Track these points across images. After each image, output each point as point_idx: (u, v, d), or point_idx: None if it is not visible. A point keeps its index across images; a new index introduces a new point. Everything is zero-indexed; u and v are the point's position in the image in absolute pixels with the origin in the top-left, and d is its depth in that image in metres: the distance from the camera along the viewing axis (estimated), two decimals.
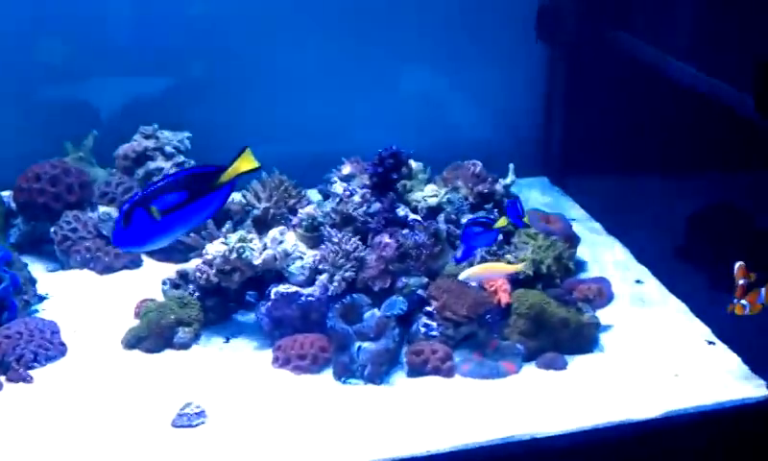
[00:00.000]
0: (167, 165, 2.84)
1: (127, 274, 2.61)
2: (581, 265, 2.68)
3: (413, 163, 2.54)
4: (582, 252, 2.73)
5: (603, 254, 2.80)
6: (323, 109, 3.17)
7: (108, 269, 2.60)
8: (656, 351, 2.30)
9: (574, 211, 3.10)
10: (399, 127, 3.22)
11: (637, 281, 2.64)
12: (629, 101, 3.01)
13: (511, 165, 2.53)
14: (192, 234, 2.45)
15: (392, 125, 3.23)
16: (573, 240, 2.65)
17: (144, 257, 2.67)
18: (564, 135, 3.26)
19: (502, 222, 2.28)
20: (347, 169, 2.64)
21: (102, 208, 2.67)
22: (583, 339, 2.29)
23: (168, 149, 2.86)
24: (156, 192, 1.76)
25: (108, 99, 3.06)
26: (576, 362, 2.25)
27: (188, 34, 3.02)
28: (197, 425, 1.97)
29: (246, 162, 1.77)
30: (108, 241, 2.56)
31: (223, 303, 2.37)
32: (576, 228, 2.81)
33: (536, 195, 3.21)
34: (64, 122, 2.98)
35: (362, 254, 2.27)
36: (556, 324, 2.26)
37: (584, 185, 3.19)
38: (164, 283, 2.41)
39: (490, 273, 2.27)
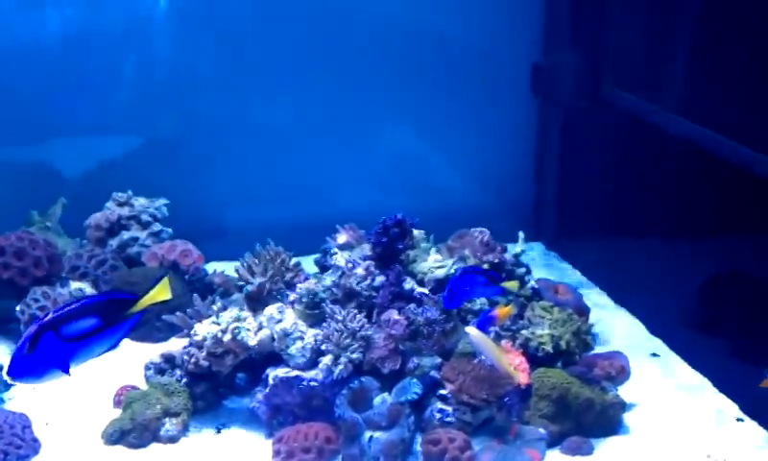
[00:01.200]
0: (143, 235, 2.66)
1: (103, 356, 2.36)
2: (592, 338, 2.50)
3: (415, 232, 2.36)
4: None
5: (611, 324, 2.64)
6: (301, 171, 3.04)
7: None
8: (683, 431, 2.15)
9: (573, 278, 2.95)
10: (384, 190, 3.10)
11: (653, 355, 2.49)
12: (628, 160, 2.89)
13: (521, 233, 2.38)
14: (178, 313, 2.23)
15: (375, 188, 3.10)
16: (585, 312, 2.49)
17: None
18: (558, 198, 3.12)
19: (513, 285, 2.12)
20: (342, 237, 2.45)
21: (73, 284, 2.44)
22: (607, 420, 2.13)
23: (144, 217, 2.67)
24: (69, 315, 1.63)
25: (76, 163, 2.89)
26: (602, 446, 2.08)
27: (159, 95, 2.90)
28: None
29: (161, 292, 1.69)
30: None
31: (212, 389, 2.16)
32: None
33: (531, 262, 3.01)
34: (28, 189, 2.80)
35: (368, 332, 2.07)
36: (581, 405, 2.09)
37: (582, 250, 3.04)
38: (147, 368, 2.20)
39: (492, 354, 2.05)
